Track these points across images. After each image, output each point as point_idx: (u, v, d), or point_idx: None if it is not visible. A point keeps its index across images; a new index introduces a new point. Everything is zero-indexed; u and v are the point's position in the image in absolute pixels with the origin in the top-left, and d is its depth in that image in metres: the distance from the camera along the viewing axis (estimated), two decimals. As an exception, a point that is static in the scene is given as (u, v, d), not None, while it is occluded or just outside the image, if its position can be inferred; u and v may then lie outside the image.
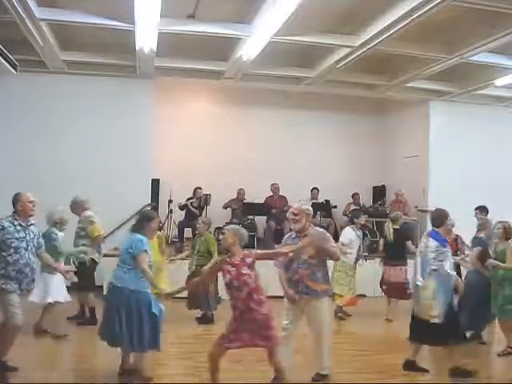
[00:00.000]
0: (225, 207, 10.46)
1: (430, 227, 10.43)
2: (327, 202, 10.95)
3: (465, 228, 7.44)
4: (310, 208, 4.89)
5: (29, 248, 4.83)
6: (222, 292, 5.53)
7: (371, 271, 8.35)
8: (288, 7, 6.04)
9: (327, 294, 4.90)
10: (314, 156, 11.55)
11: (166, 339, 6.42)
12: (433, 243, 5.11)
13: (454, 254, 7.02)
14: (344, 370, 5.37)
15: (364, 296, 8.28)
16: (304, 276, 4.69)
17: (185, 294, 6.34)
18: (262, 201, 10.54)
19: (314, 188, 10.96)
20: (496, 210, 8.05)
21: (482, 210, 8.13)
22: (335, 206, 11.13)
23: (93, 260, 6.68)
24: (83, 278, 6.62)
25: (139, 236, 4.68)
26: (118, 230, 9.02)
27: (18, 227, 4.76)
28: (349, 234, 7.58)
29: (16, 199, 4.84)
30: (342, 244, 7.41)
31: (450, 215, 5.51)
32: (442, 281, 4.96)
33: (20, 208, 4.80)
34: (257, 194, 10.35)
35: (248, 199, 10.51)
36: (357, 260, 7.59)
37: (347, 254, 7.29)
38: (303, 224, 4.72)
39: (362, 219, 7.88)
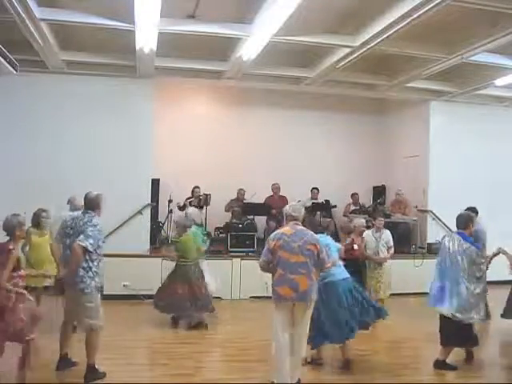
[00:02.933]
0: (226, 210, 10.45)
1: (429, 227, 10.56)
2: (327, 201, 10.95)
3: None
4: (287, 208, 4.90)
5: None
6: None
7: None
8: (288, 7, 6.03)
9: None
10: (314, 156, 11.55)
11: (166, 339, 6.46)
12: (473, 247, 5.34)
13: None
14: (344, 369, 5.38)
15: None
16: None
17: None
18: (260, 200, 10.53)
19: (313, 188, 10.97)
20: (496, 210, 8.06)
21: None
22: (335, 206, 11.13)
23: None
24: None
25: None
26: (117, 229, 9.04)
27: None
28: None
29: (100, 199, 5.10)
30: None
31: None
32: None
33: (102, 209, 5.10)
34: (254, 192, 10.34)
35: (247, 198, 10.51)
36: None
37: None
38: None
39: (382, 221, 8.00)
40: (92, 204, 5.03)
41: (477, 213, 7.92)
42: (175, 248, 7.17)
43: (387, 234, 7.83)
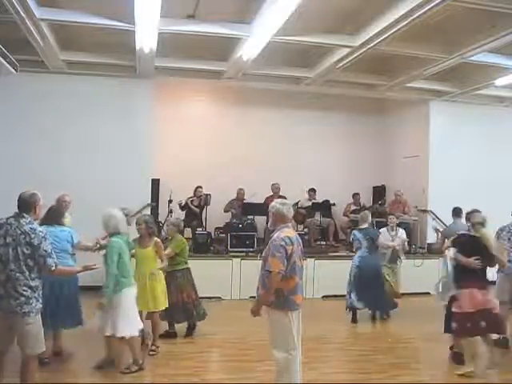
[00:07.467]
0: (225, 211, 10.45)
1: (429, 227, 10.57)
2: (327, 201, 10.94)
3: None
4: (279, 207, 4.42)
5: None
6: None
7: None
8: (288, 7, 6.03)
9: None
10: (314, 156, 11.56)
11: (166, 339, 6.45)
12: None
13: None
14: (344, 369, 5.38)
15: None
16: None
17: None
18: (260, 200, 10.51)
19: (310, 189, 10.96)
20: (495, 210, 8.04)
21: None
22: (334, 204, 11.11)
23: None
24: None
25: None
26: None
27: None
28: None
29: (35, 200, 4.19)
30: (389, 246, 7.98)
31: None
32: None
33: (38, 211, 4.24)
34: (254, 192, 10.33)
35: (246, 198, 10.50)
36: (392, 260, 8.01)
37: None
38: (271, 222, 4.54)
39: (394, 219, 8.33)
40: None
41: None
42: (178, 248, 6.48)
43: (402, 232, 8.28)
